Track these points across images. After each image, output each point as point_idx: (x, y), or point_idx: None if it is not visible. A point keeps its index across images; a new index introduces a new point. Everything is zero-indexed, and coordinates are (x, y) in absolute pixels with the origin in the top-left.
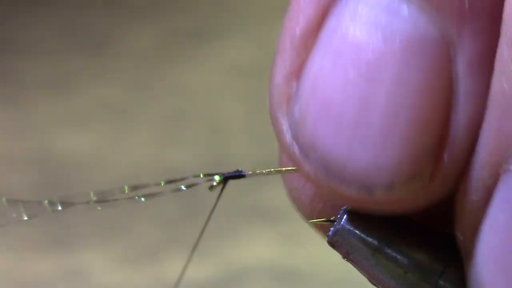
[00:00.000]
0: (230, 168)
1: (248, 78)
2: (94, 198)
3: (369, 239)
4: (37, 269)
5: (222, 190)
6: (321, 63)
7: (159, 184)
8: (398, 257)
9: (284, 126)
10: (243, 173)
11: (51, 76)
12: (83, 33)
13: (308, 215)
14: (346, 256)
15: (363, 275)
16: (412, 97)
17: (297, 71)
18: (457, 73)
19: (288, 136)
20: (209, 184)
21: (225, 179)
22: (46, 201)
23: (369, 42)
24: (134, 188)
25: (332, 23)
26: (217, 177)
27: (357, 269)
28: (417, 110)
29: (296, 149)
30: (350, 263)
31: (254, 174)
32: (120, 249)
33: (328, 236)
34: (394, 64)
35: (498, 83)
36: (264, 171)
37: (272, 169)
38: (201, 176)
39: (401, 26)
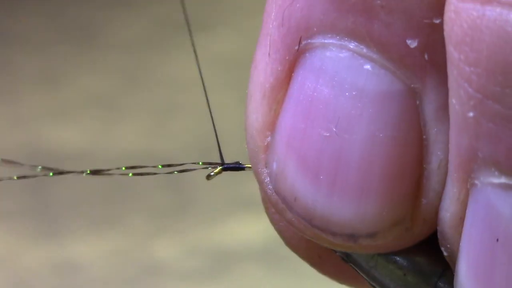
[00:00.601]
0: (219, 159)
1: (237, 70)
2: (87, 171)
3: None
4: (29, 262)
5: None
6: (293, 120)
7: (156, 167)
8: (398, 259)
9: (263, 175)
10: (242, 166)
11: (41, 68)
12: (72, 24)
13: (295, 248)
14: (346, 258)
15: (363, 276)
16: (384, 149)
17: (270, 124)
18: (425, 122)
19: (269, 186)
20: (203, 172)
21: (224, 169)
22: (39, 168)
23: (336, 99)
24: (131, 167)
25: (299, 79)
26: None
27: (357, 271)
28: (390, 160)
29: (277, 199)
30: (350, 265)
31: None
32: (110, 239)
33: None
34: (363, 119)
35: (452, 103)
36: None
37: None
38: (200, 163)
39: (366, 83)
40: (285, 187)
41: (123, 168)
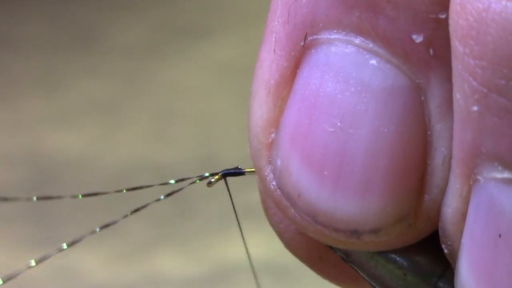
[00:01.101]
0: (220, 166)
1: (238, 76)
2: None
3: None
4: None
5: (227, 186)
6: (298, 115)
7: (157, 190)
8: (398, 258)
9: (266, 172)
10: (242, 170)
11: (40, 72)
12: (72, 28)
13: (295, 249)
14: (346, 257)
15: (363, 276)
16: (389, 144)
17: (275, 121)
18: (429, 118)
19: (271, 183)
20: (203, 180)
21: (224, 175)
22: (34, 198)
23: (341, 94)
24: (132, 189)
25: (304, 74)
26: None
27: (357, 271)
28: (395, 156)
29: (280, 196)
30: (350, 265)
31: (253, 171)
32: (110, 247)
33: None
34: (368, 114)
35: (456, 98)
36: None
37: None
38: (198, 181)
39: (371, 78)
40: (289, 184)
41: (124, 191)
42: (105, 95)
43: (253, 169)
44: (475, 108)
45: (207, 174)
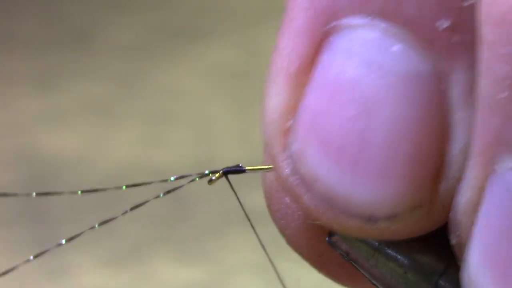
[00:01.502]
0: (216, 168)
1: (234, 79)
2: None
3: (370, 239)
4: (22, 270)
5: (230, 183)
6: (317, 100)
7: (153, 186)
8: (399, 257)
9: (282, 158)
10: (243, 168)
11: (35, 72)
12: (67, 28)
13: (296, 245)
14: (346, 255)
15: (363, 274)
16: (409, 130)
17: (293, 107)
18: (451, 105)
19: (287, 169)
20: (200, 181)
21: (225, 173)
22: (34, 194)
23: (363, 80)
24: (132, 186)
25: (325, 60)
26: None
27: (357, 269)
28: (414, 142)
29: (296, 182)
30: (350, 263)
31: (254, 169)
32: (105, 249)
33: (328, 236)
34: (390, 100)
35: (482, 85)
36: (263, 167)
37: (271, 166)
38: (197, 179)
39: (394, 63)
40: (306, 169)
41: (124, 187)
42: (100, 96)
43: (254, 167)
44: (503, 95)
45: (207, 172)
